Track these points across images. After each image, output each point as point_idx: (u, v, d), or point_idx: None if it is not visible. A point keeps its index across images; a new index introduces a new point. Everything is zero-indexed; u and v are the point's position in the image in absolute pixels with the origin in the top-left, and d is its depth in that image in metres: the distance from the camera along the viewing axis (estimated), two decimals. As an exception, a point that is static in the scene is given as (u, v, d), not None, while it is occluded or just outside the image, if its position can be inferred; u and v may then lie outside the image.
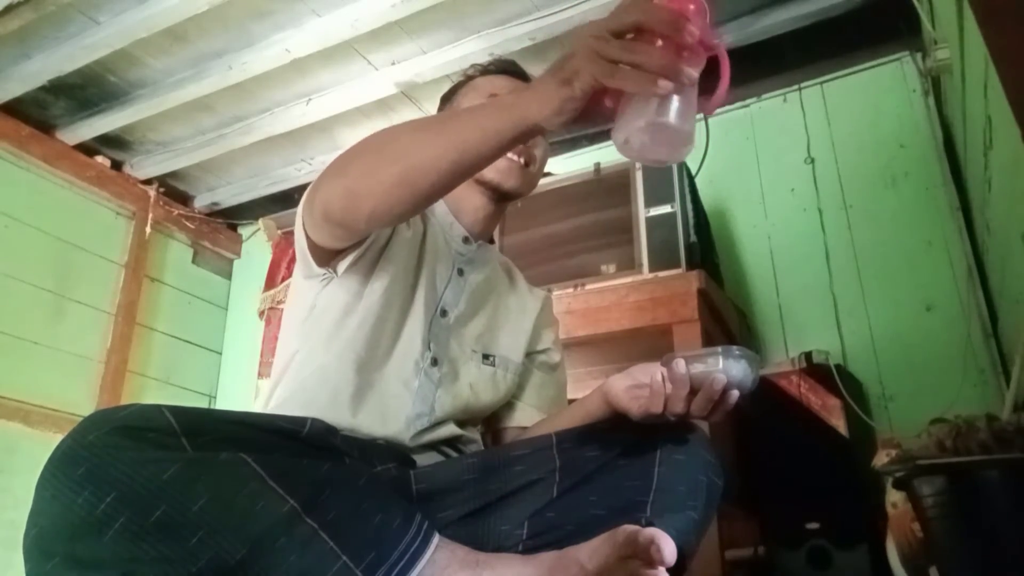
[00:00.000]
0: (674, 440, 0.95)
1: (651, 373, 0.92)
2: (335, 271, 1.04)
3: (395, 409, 1.03)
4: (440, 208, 1.18)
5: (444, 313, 1.12)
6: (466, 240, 1.17)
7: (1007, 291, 1.65)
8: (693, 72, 0.67)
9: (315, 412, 0.95)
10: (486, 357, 1.14)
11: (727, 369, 0.87)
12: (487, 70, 1.22)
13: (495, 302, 1.20)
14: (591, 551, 0.80)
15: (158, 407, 0.72)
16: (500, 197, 1.16)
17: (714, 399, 0.88)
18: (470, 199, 1.15)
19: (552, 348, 1.26)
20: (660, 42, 0.68)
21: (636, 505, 0.90)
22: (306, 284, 1.08)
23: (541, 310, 1.26)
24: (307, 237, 0.99)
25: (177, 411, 0.72)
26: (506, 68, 1.22)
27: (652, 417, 0.91)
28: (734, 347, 0.90)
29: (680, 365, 0.88)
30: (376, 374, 1.04)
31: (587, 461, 0.96)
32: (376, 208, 0.86)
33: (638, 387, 0.95)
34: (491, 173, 1.10)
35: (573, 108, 0.72)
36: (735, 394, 0.88)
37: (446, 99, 1.25)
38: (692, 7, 0.70)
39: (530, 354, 1.22)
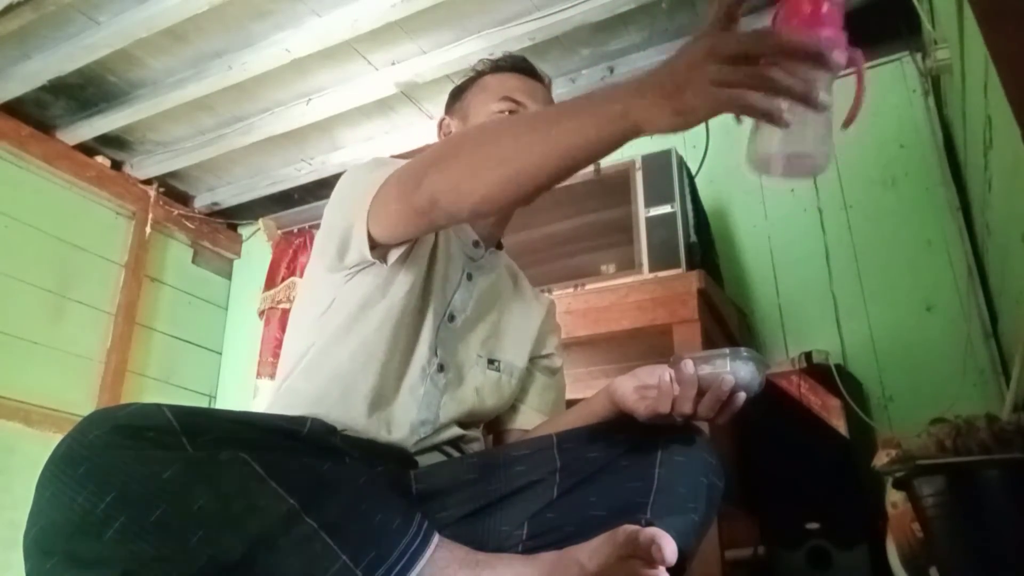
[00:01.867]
0: (675, 441, 0.96)
1: (658, 374, 0.92)
2: (385, 260, 1.00)
3: (400, 416, 1.02)
4: None
5: (452, 318, 1.11)
6: (476, 244, 1.16)
7: (1007, 291, 1.65)
8: (828, 98, 0.63)
9: (327, 408, 0.95)
10: (491, 362, 1.14)
11: (735, 371, 0.88)
12: (497, 67, 1.20)
13: (500, 307, 1.20)
14: (591, 551, 0.80)
15: (158, 406, 0.72)
16: None
17: (722, 400, 0.89)
18: None
19: (555, 353, 1.26)
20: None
21: (636, 506, 0.91)
22: (328, 278, 1.06)
23: (546, 316, 1.26)
24: (366, 226, 0.95)
25: (177, 410, 0.72)
26: (516, 65, 1.20)
27: (659, 418, 0.92)
28: (742, 349, 0.91)
29: (688, 366, 0.89)
30: (391, 378, 1.03)
31: (588, 462, 0.96)
32: (480, 204, 0.85)
33: (645, 388, 0.95)
34: None
35: (688, 129, 0.70)
36: (742, 396, 0.89)
37: (455, 96, 1.24)
38: (827, 11, 0.65)
39: (534, 359, 1.22)
